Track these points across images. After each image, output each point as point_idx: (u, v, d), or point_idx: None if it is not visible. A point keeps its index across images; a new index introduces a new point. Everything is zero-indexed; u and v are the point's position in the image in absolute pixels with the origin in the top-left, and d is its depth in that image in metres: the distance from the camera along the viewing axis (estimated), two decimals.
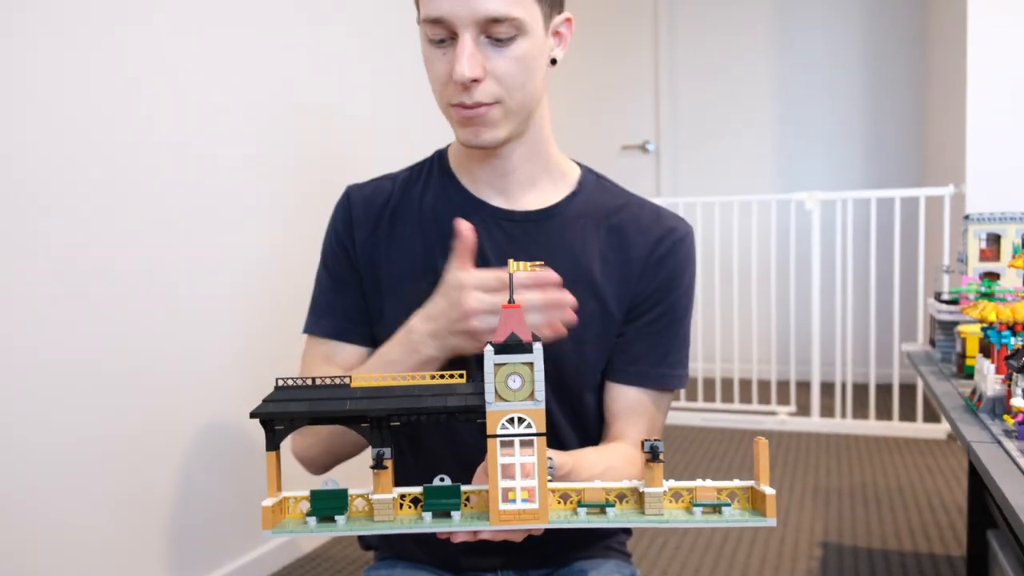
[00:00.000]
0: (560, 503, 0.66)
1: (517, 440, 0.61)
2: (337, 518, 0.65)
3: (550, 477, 0.70)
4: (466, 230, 0.90)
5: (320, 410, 0.64)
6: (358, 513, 0.66)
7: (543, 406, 0.61)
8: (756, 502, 0.65)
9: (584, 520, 0.64)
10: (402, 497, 0.66)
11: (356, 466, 1.08)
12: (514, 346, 0.61)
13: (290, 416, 0.64)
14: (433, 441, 1.04)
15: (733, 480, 0.66)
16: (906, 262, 3.28)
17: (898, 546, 2.16)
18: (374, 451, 0.64)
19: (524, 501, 0.62)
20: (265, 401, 0.66)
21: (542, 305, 0.85)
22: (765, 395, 3.61)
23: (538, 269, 0.69)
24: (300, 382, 0.66)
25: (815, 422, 3.33)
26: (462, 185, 1.04)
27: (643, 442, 0.63)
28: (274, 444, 0.65)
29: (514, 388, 0.61)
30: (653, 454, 0.63)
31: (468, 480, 0.69)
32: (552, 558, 1.06)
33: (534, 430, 0.61)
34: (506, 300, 0.63)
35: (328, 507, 0.65)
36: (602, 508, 0.65)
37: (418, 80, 1.41)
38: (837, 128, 4.10)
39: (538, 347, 0.61)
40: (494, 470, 0.61)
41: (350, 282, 1.05)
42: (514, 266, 0.66)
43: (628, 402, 1.02)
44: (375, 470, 0.64)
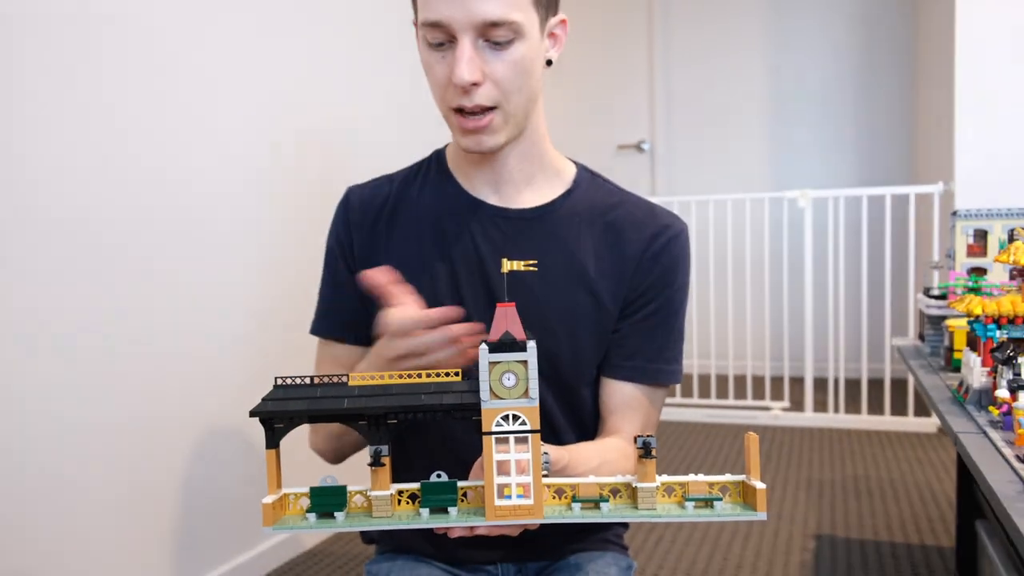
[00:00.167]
0: (555, 498, 0.66)
1: (512, 437, 0.61)
2: (336, 514, 0.65)
3: (546, 471, 0.70)
4: (370, 276, 0.89)
5: (318, 408, 0.64)
6: (357, 509, 0.66)
7: (537, 403, 0.62)
8: (747, 496, 0.65)
9: (578, 515, 0.64)
10: (400, 493, 0.66)
11: (357, 463, 1.08)
12: (508, 344, 0.61)
13: (289, 414, 0.65)
14: (428, 437, 1.04)
15: (725, 475, 0.66)
16: (897, 258, 3.28)
17: (890, 537, 2.16)
18: (372, 448, 0.64)
19: (519, 497, 0.62)
20: (264, 400, 0.66)
21: (448, 342, 0.84)
22: (759, 391, 3.62)
23: (531, 268, 0.69)
24: (299, 381, 0.67)
25: (808, 417, 3.33)
26: (459, 184, 1.05)
27: (636, 438, 0.63)
28: (274, 442, 0.65)
29: (508, 386, 0.61)
30: (646, 450, 0.63)
31: (463, 475, 0.69)
32: (550, 551, 1.07)
33: (528, 427, 0.62)
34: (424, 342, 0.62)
35: (327, 503, 0.65)
36: (596, 503, 0.65)
37: (417, 81, 1.41)
38: (829, 128, 4.10)
39: (532, 345, 0.62)
40: (489, 467, 0.62)
41: (348, 284, 1.06)
42: (508, 265, 0.67)
43: (624, 397, 1.02)
44: (373, 467, 0.64)
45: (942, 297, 1.57)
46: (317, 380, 0.66)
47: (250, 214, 2.03)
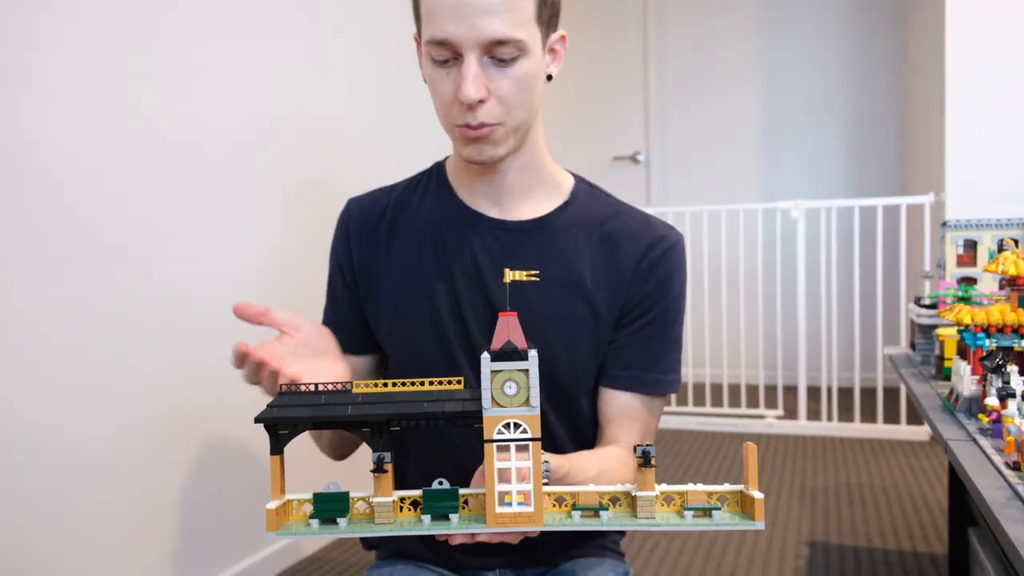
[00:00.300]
0: (555, 506, 0.66)
1: (513, 445, 0.62)
2: (339, 520, 0.65)
3: (546, 480, 0.71)
4: (241, 310, 0.94)
5: (323, 415, 0.64)
6: (359, 515, 0.66)
7: (538, 412, 0.62)
8: (745, 505, 0.65)
9: (578, 523, 0.64)
10: (402, 500, 0.66)
11: (359, 467, 1.08)
12: (510, 353, 0.62)
13: (293, 421, 0.65)
14: (428, 444, 1.04)
15: (723, 484, 0.66)
16: (889, 268, 3.29)
17: (883, 544, 2.16)
18: (375, 455, 0.64)
19: (520, 504, 0.62)
20: (269, 406, 0.66)
21: (260, 378, 0.90)
22: (754, 399, 3.62)
23: (533, 278, 0.69)
24: (304, 388, 0.67)
25: (802, 425, 3.33)
26: (458, 197, 1.05)
27: (635, 447, 0.63)
28: (278, 448, 0.65)
29: (510, 394, 0.61)
30: (645, 459, 0.63)
31: (462, 482, 0.69)
32: (548, 557, 1.06)
33: (529, 435, 0.62)
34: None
35: (330, 509, 0.65)
36: (596, 511, 0.65)
37: (416, 92, 1.41)
38: (821, 139, 4.12)
39: (533, 354, 0.62)
40: (491, 474, 0.62)
41: (347, 296, 1.08)
42: (510, 275, 0.67)
43: (621, 406, 1.02)
44: (376, 474, 0.64)
45: (933, 306, 1.57)
46: (321, 387, 0.66)
47: (254, 216, 2.03)
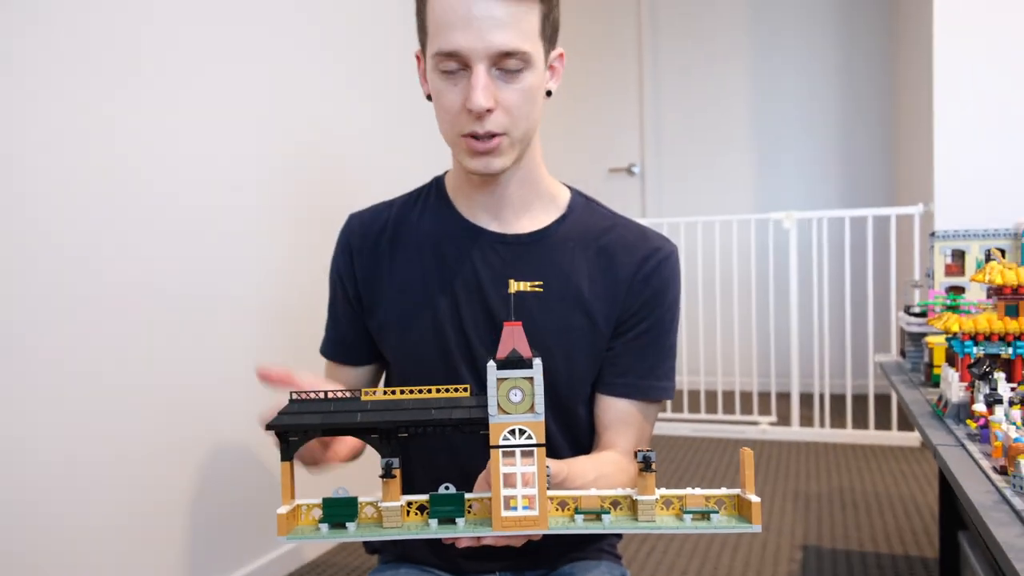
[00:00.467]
0: (558, 510, 0.67)
1: (518, 451, 0.62)
2: (348, 524, 0.65)
3: (547, 484, 0.71)
4: (265, 374, 0.94)
5: (333, 422, 0.65)
6: (368, 519, 0.67)
7: (543, 418, 0.62)
8: (742, 509, 0.66)
9: (581, 526, 0.65)
10: (409, 504, 0.67)
11: (367, 472, 1.08)
12: (515, 362, 0.62)
13: (304, 428, 0.65)
14: (431, 450, 1.05)
15: (720, 488, 0.67)
16: (879, 277, 3.30)
17: (875, 548, 2.17)
18: (383, 461, 0.65)
19: (525, 508, 0.63)
20: (280, 414, 0.66)
21: None
22: (747, 406, 3.63)
23: (537, 289, 0.70)
24: (313, 396, 0.67)
25: (795, 431, 3.34)
26: (458, 211, 1.06)
27: (636, 452, 0.64)
28: (288, 455, 0.66)
29: (515, 401, 0.62)
30: (646, 464, 0.64)
31: (465, 486, 0.70)
32: (548, 560, 1.07)
33: (534, 441, 0.63)
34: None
35: (339, 514, 0.66)
36: (598, 515, 0.65)
37: (417, 110, 1.42)
38: (812, 152, 4.15)
39: (538, 363, 0.63)
40: (496, 479, 0.62)
41: (348, 310, 1.09)
42: (515, 285, 0.68)
43: (618, 413, 1.03)
44: (384, 479, 0.65)
45: (922, 315, 1.58)
46: (331, 395, 0.67)
47: (262, 227, 2.04)
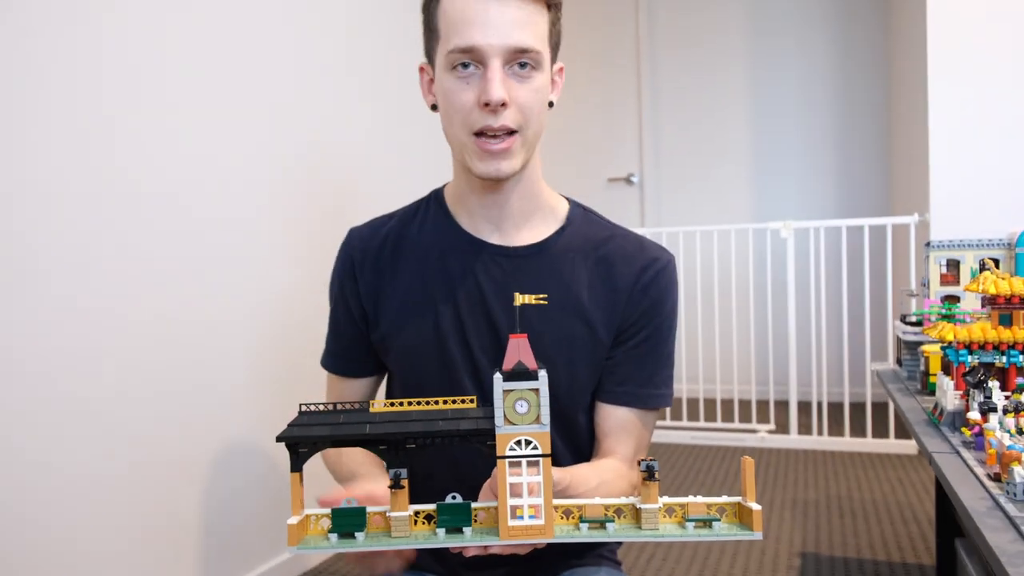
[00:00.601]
0: (563, 518, 0.67)
1: (524, 461, 0.63)
2: (357, 534, 0.66)
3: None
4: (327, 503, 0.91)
5: (342, 434, 0.66)
6: (376, 529, 0.67)
7: (548, 429, 0.63)
8: (743, 517, 0.66)
9: (586, 535, 0.66)
10: (416, 514, 0.67)
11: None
12: (521, 373, 0.63)
13: (313, 439, 0.66)
14: (433, 460, 1.05)
15: (721, 496, 0.68)
16: (875, 286, 3.31)
17: (872, 555, 2.17)
18: (392, 472, 0.65)
19: (531, 517, 0.63)
20: (290, 425, 0.67)
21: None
22: (746, 414, 3.63)
23: (542, 301, 0.71)
24: (323, 407, 0.68)
25: (793, 439, 3.34)
26: (458, 224, 1.06)
27: (639, 462, 0.65)
28: (298, 465, 0.67)
29: (521, 412, 0.63)
30: (649, 473, 0.65)
31: (465, 495, 0.70)
32: (548, 566, 1.07)
33: (540, 451, 0.63)
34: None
35: (348, 524, 0.66)
36: (602, 523, 0.66)
37: (418, 123, 1.42)
38: (809, 162, 4.16)
39: (543, 374, 0.63)
40: (503, 489, 0.63)
41: (352, 324, 1.09)
42: (520, 298, 0.69)
43: (617, 421, 1.04)
44: (393, 489, 0.65)
45: (918, 324, 1.59)
46: (340, 407, 0.68)
47: (270, 238, 2.05)
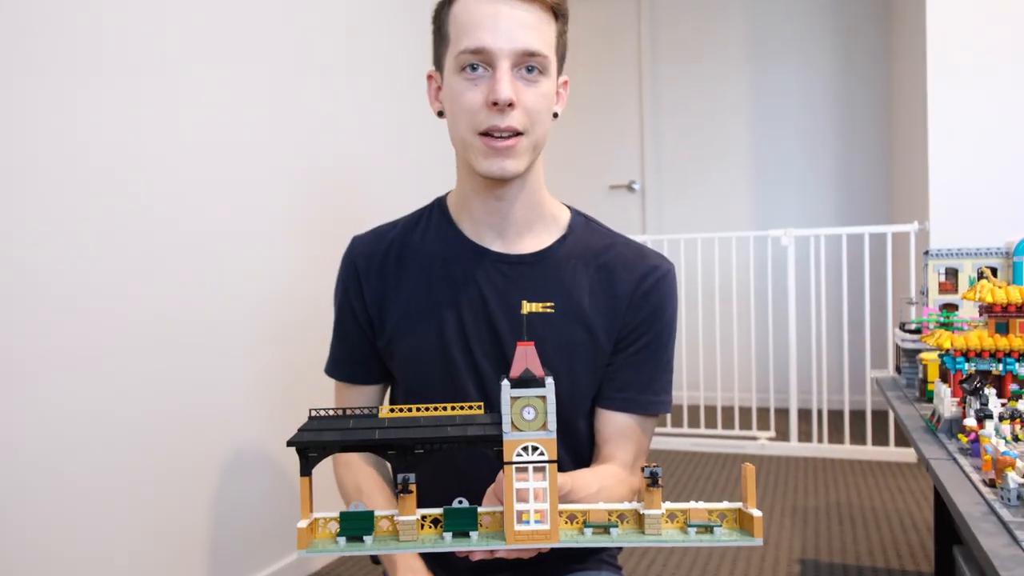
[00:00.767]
0: (567, 523, 0.68)
1: (531, 467, 0.64)
2: (365, 538, 0.66)
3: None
4: None
5: (351, 439, 0.66)
6: (384, 533, 0.68)
7: (555, 435, 0.64)
8: (744, 523, 0.67)
9: (590, 539, 0.66)
10: (423, 518, 0.68)
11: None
12: (528, 381, 0.64)
13: (323, 444, 0.67)
14: (438, 465, 1.06)
15: (723, 502, 0.68)
16: (875, 294, 3.32)
17: (871, 562, 2.17)
18: (400, 476, 0.66)
19: (537, 522, 0.64)
20: (300, 430, 0.68)
21: None
22: (746, 421, 3.63)
23: (548, 309, 0.72)
24: (333, 412, 0.69)
25: (793, 446, 3.35)
26: (462, 231, 1.07)
27: (643, 468, 0.66)
28: (307, 470, 0.67)
29: (528, 419, 0.64)
30: (653, 479, 0.65)
31: (469, 500, 0.71)
32: (549, 570, 1.08)
33: (546, 457, 0.64)
34: None
35: (356, 528, 0.67)
36: (606, 528, 0.67)
37: (417, 122, 1.42)
38: (810, 170, 4.18)
39: (550, 382, 0.64)
40: (510, 494, 0.64)
41: (355, 331, 1.10)
42: (527, 306, 0.70)
43: (617, 427, 1.05)
44: (401, 494, 0.66)
45: (916, 331, 1.59)
46: (349, 412, 0.69)
47: (267, 252, 2.06)
